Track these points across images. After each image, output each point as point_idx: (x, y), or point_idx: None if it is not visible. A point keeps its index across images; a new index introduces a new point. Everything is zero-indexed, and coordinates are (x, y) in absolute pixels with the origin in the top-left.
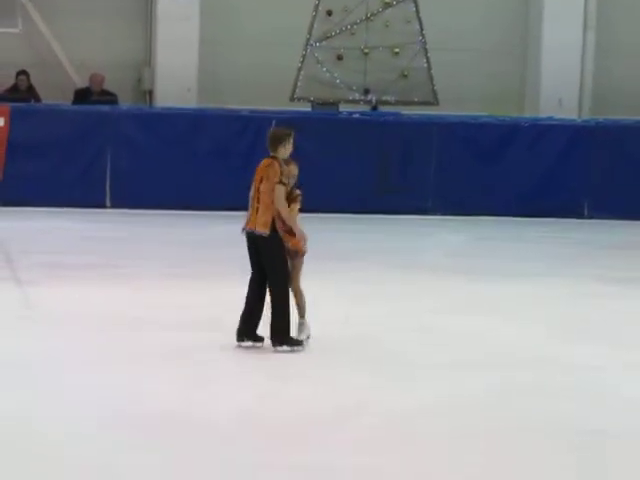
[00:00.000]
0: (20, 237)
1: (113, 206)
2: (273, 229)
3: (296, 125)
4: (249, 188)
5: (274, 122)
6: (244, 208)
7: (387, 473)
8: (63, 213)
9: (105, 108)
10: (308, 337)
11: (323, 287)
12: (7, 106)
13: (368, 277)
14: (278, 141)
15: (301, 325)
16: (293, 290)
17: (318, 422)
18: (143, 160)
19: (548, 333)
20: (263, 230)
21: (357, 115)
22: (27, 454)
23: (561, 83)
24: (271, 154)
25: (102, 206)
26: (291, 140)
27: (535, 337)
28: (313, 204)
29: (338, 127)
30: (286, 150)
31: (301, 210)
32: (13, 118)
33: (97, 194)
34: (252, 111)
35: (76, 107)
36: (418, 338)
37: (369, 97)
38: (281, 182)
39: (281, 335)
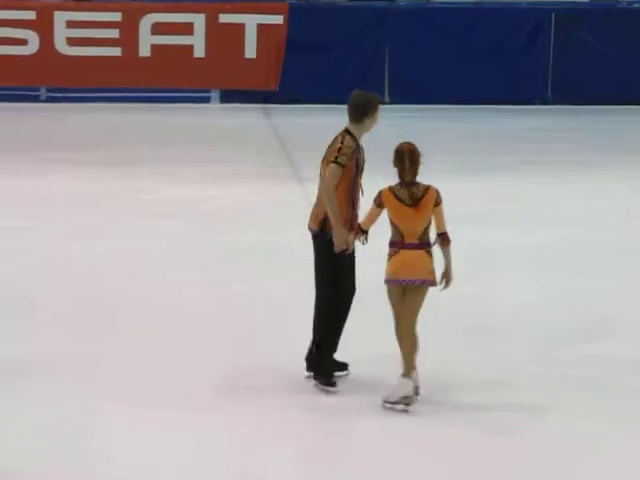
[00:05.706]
0: (300, 134)
1: (392, 102)
2: (324, 226)
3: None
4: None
5: (553, 15)
6: (516, 102)
7: None
8: (342, 110)
9: (383, 4)
10: (405, 400)
11: None
12: (286, 3)
13: None
14: (362, 110)
15: (401, 383)
16: (398, 335)
17: None
18: (421, 56)
19: None
20: (312, 225)
21: (637, 4)
22: None
23: None
24: (347, 126)
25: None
26: (377, 113)
27: None
28: (594, 95)
29: (618, 17)
30: (371, 123)
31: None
32: (292, 15)
33: (375, 91)
34: (530, 3)
35: (354, 3)
36: None
37: None
38: (336, 161)
39: (316, 365)
